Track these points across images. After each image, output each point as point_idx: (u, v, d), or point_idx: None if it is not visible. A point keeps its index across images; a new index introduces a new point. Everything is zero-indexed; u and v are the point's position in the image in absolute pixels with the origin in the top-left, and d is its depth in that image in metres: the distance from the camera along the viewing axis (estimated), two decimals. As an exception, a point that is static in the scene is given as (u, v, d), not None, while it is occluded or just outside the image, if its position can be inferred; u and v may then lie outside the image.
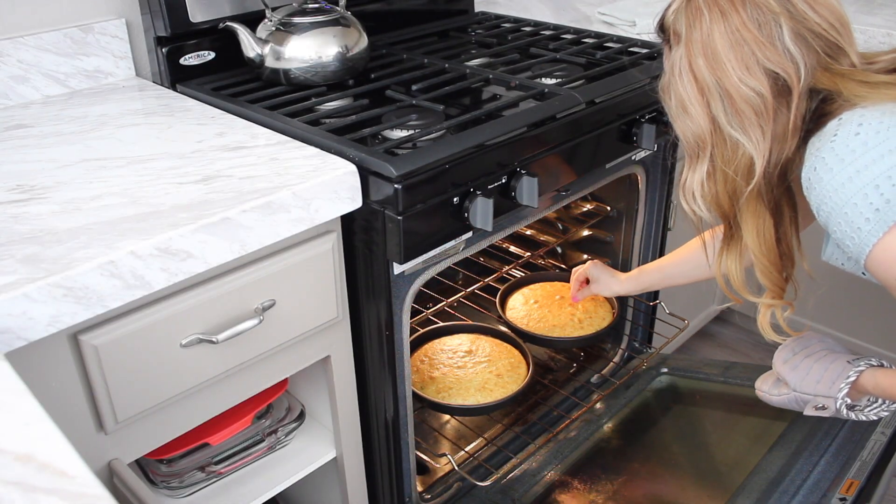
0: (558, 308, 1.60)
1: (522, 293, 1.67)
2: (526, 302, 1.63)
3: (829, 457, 1.25)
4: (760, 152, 0.88)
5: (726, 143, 0.90)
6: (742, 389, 1.51)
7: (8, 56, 1.24)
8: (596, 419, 1.54)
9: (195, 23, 1.33)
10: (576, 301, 1.55)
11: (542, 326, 1.55)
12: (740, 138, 0.88)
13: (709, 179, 0.93)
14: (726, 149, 0.90)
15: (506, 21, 1.77)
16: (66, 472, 0.54)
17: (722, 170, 0.91)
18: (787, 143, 0.88)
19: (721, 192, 0.93)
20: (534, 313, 1.60)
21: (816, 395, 1.02)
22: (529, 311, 1.61)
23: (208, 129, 1.14)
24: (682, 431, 1.53)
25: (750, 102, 0.86)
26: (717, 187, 0.93)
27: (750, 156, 0.88)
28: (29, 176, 0.99)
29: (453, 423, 1.58)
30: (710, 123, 0.90)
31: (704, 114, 0.90)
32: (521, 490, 1.40)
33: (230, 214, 0.89)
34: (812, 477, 1.22)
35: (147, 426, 0.94)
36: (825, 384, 1.01)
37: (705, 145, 0.92)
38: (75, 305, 0.79)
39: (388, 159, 0.99)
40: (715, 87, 0.88)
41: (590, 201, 1.67)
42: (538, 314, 1.59)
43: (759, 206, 0.91)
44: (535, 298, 1.64)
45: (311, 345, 1.08)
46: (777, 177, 0.90)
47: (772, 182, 0.90)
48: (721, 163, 0.91)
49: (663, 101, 0.97)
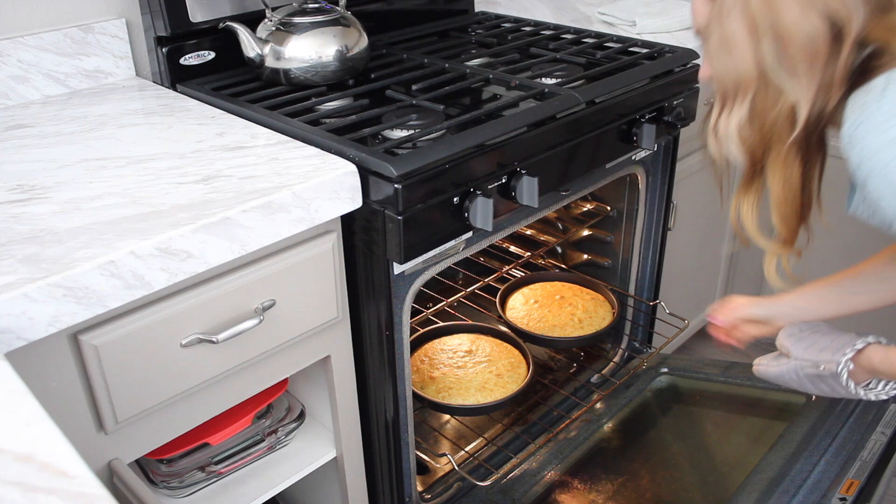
0: (558, 308, 1.60)
1: (522, 293, 1.67)
2: (526, 302, 1.64)
3: (829, 457, 1.25)
4: (807, 100, 0.83)
5: (769, 88, 0.85)
6: (742, 389, 1.51)
7: (8, 56, 1.24)
8: (596, 419, 1.54)
9: (195, 23, 1.33)
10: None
11: (543, 326, 1.55)
12: (786, 84, 0.84)
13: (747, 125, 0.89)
14: (768, 94, 0.86)
15: (506, 21, 1.77)
16: (66, 472, 0.54)
17: (761, 116, 0.87)
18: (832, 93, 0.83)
19: (757, 140, 0.89)
20: (534, 313, 1.60)
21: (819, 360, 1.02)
22: (529, 310, 1.61)
23: (208, 129, 1.14)
24: (682, 431, 1.53)
25: (803, 46, 0.81)
26: (755, 134, 0.89)
27: (792, 104, 0.84)
28: (29, 176, 0.99)
29: (453, 423, 1.58)
30: (755, 66, 0.85)
31: (751, 54, 0.85)
32: (521, 490, 1.40)
33: (230, 214, 0.89)
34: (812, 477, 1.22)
35: (147, 426, 0.94)
36: (829, 351, 1.01)
37: (747, 88, 0.87)
38: (75, 305, 0.79)
39: (388, 159, 0.99)
40: (768, 27, 0.83)
41: (590, 201, 1.67)
42: (538, 314, 1.59)
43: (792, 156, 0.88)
44: (535, 298, 1.65)
45: (311, 345, 1.08)
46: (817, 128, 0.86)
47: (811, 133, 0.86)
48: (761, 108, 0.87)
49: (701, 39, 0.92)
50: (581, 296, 1.65)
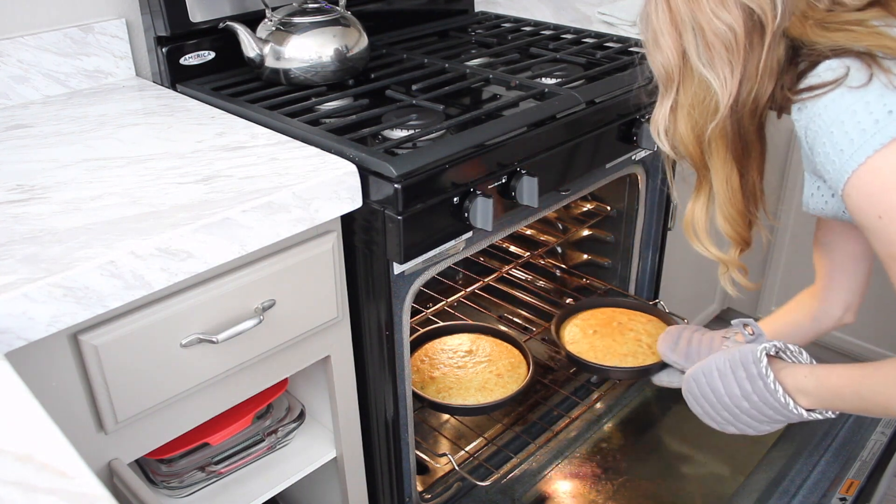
0: (620, 335, 1.47)
1: (576, 325, 1.53)
2: (584, 333, 1.49)
3: (829, 457, 1.25)
4: (727, 90, 0.86)
5: (693, 79, 0.88)
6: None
7: (8, 56, 1.24)
8: (596, 419, 1.54)
9: (195, 23, 1.33)
10: None
11: (614, 357, 1.43)
12: (708, 75, 0.86)
13: (672, 113, 0.92)
14: (693, 84, 0.88)
15: (506, 21, 1.77)
16: (66, 472, 0.54)
17: (687, 105, 0.90)
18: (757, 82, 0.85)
19: (685, 129, 0.91)
20: (598, 343, 1.46)
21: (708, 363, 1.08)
22: (592, 342, 1.47)
23: (208, 129, 1.14)
24: (682, 431, 1.53)
25: (721, 37, 0.84)
26: (681, 123, 0.91)
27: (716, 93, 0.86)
28: (29, 176, 0.99)
29: (453, 423, 1.58)
30: (679, 57, 0.88)
31: (675, 47, 0.88)
32: (521, 490, 1.40)
33: (230, 214, 0.89)
34: (812, 477, 1.23)
35: (147, 426, 0.94)
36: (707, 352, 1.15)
37: (673, 79, 0.90)
38: (75, 305, 0.79)
39: (388, 159, 0.99)
40: (689, 20, 0.86)
41: (590, 201, 1.67)
42: (602, 344, 1.45)
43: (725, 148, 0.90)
44: (592, 329, 1.51)
45: (311, 345, 1.08)
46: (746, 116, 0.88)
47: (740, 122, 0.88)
48: (685, 98, 0.90)
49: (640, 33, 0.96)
50: (637, 318, 1.53)
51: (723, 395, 1.03)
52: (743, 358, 1.00)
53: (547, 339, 1.56)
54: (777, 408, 0.98)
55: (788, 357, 1.01)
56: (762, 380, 0.97)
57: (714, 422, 1.07)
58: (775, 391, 0.96)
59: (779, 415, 0.99)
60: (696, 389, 1.07)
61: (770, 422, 1.01)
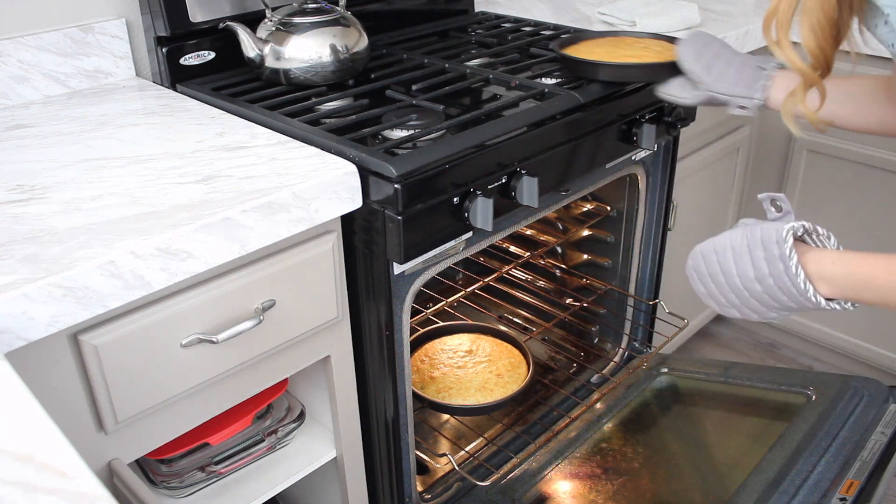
0: None
1: None
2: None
3: (829, 457, 1.25)
4: None
5: None
6: (742, 389, 1.52)
7: (8, 56, 1.24)
8: (596, 419, 1.54)
9: (195, 23, 1.33)
10: None
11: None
12: None
13: None
14: None
15: (506, 21, 1.77)
16: (66, 472, 0.54)
17: None
18: None
19: None
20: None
21: (733, 95, 1.06)
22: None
23: (208, 129, 1.14)
24: (682, 431, 1.53)
25: None
26: None
27: None
28: (29, 176, 0.99)
29: (453, 423, 1.58)
30: None
31: None
32: (521, 490, 1.40)
33: (230, 214, 0.89)
34: (812, 477, 1.22)
35: (147, 426, 0.94)
36: (742, 86, 1.07)
37: None
38: (75, 305, 0.79)
39: (388, 159, 0.99)
40: None
41: (590, 201, 1.67)
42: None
43: None
44: None
45: (311, 345, 1.08)
46: None
47: None
48: None
49: None
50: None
51: (734, 275, 0.90)
52: (765, 236, 0.86)
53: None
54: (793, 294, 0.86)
55: (815, 241, 0.88)
56: (783, 262, 0.85)
57: (717, 303, 0.94)
58: (796, 276, 0.84)
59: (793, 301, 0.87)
60: (703, 266, 0.93)
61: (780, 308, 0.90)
